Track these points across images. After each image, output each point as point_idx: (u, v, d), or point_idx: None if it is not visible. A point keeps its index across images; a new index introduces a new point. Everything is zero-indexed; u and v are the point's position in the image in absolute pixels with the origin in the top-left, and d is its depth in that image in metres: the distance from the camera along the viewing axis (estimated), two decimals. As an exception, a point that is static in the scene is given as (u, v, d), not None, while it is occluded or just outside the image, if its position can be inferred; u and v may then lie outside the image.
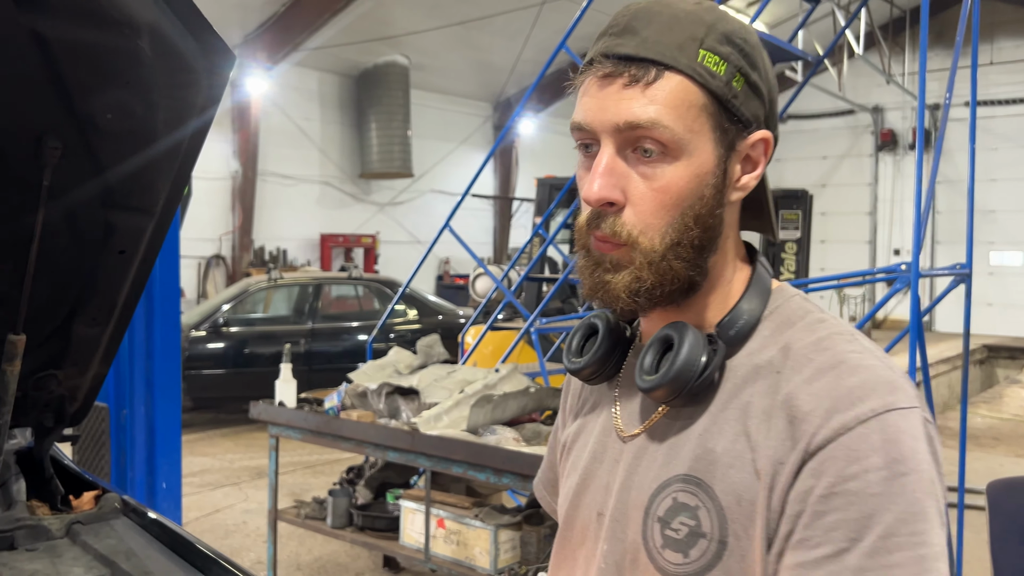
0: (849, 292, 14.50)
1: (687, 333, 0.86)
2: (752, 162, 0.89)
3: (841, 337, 0.85)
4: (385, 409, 4.10)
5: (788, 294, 0.92)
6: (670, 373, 0.85)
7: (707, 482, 0.84)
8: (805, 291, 6.23)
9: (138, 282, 1.35)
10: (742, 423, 0.84)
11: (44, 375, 1.37)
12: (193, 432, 8.53)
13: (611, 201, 0.84)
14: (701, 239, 0.86)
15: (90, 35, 0.99)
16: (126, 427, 2.81)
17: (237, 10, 11.97)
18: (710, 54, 0.82)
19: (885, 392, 0.79)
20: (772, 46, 5.18)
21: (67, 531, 1.39)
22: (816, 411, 0.79)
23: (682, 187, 0.83)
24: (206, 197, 12.79)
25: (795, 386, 0.82)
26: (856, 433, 0.77)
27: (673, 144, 0.82)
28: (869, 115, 16.87)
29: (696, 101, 0.83)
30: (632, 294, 0.86)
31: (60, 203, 1.15)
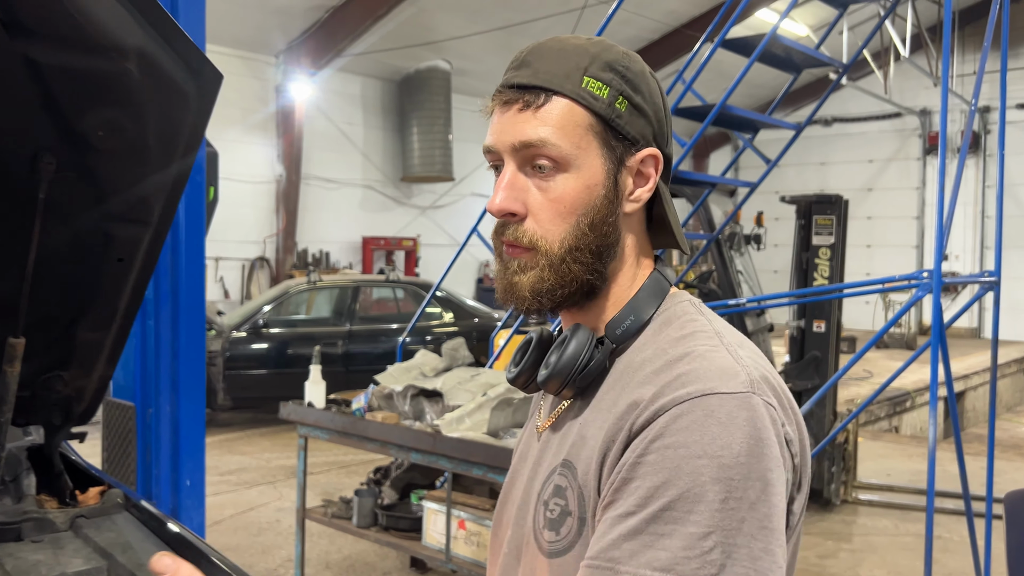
0: (895, 298, 14.25)
1: (578, 332, 0.95)
2: (644, 176, 0.97)
3: (703, 335, 0.92)
4: (410, 411, 4.17)
5: (679, 299, 0.99)
6: (557, 366, 0.94)
7: (574, 464, 0.92)
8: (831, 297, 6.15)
9: (138, 288, 1.42)
10: (608, 411, 0.90)
11: (50, 376, 1.45)
12: (232, 431, 8.72)
13: (512, 211, 0.94)
14: (598, 245, 0.94)
15: (80, 60, 1.06)
16: (152, 425, 2.90)
17: (281, 16, 12.20)
18: (593, 80, 0.92)
19: (712, 378, 0.84)
20: (803, 54, 5.15)
21: (71, 524, 1.47)
22: (647, 396, 0.85)
23: (574, 197, 0.93)
24: (251, 200, 13.05)
25: (645, 376, 0.89)
26: (670, 413, 0.82)
27: (562, 159, 0.92)
28: (916, 118, 16.58)
29: (581, 121, 0.92)
30: (535, 293, 0.94)
31: (59, 216, 1.22)
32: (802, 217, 6.15)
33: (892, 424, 9.56)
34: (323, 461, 7.25)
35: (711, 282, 7.58)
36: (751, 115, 4.82)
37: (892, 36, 11.25)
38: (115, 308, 1.41)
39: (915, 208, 16.84)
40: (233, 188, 12.39)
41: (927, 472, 3.51)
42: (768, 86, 14.83)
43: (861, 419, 7.99)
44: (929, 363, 4.17)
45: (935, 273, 3.32)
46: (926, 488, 3.56)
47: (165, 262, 2.91)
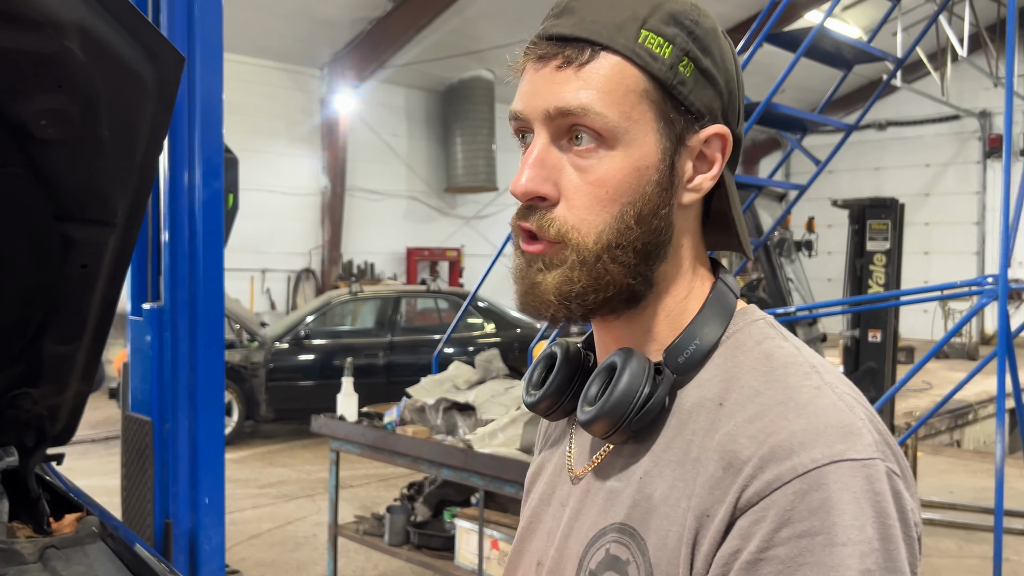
0: (954, 306, 13.76)
1: (631, 360, 0.76)
2: (707, 161, 0.78)
3: (797, 368, 0.73)
4: (442, 425, 4.04)
5: (751, 317, 0.80)
6: (607, 405, 0.74)
7: (641, 533, 0.73)
8: (894, 304, 5.87)
9: (109, 297, 1.30)
10: (683, 466, 0.73)
11: (18, 393, 1.33)
12: (274, 443, 8.68)
13: (541, 195, 0.75)
14: (644, 242, 0.75)
15: (8, 36, 0.94)
16: (169, 441, 2.81)
17: (326, 29, 12.25)
18: (653, 35, 0.73)
19: (834, 439, 0.66)
20: (854, 49, 4.92)
21: (40, 555, 1.35)
22: (751, 459, 0.67)
23: (620, 181, 0.74)
24: (297, 212, 13.12)
25: (735, 425, 0.70)
26: (792, 489, 0.64)
27: (608, 133, 0.73)
28: (976, 120, 16.04)
29: (635, 86, 0.73)
30: (562, 297, 0.75)
31: (8, 217, 1.10)
32: (855, 222, 5.89)
33: (953, 438, 9.17)
34: (363, 474, 7.16)
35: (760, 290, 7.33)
36: (799, 113, 4.61)
37: (949, 35, 10.86)
38: (84, 319, 1.29)
39: (975, 213, 16.28)
40: (279, 200, 12.46)
41: (994, 489, 3.26)
42: (818, 90, 14.46)
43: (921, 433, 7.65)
44: (994, 374, 3.91)
45: (1001, 278, 3.08)
46: (993, 506, 3.31)
47: (183, 272, 2.82)
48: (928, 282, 14.89)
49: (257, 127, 11.97)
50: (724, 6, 13.25)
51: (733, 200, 0.82)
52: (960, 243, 16.32)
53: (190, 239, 2.79)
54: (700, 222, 0.81)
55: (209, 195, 2.77)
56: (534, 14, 3.78)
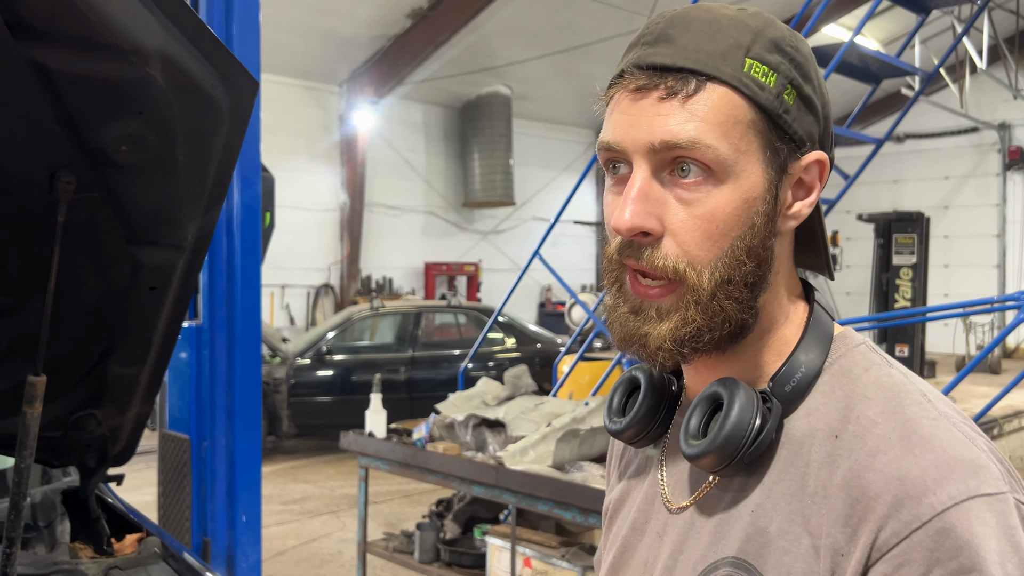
0: (976, 320, 13.64)
1: (737, 391, 0.74)
2: (806, 187, 0.77)
3: (911, 398, 0.72)
4: (472, 441, 4.03)
5: (852, 342, 0.78)
6: (718, 439, 0.73)
7: (758, 568, 0.72)
8: (923, 319, 5.83)
9: (174, 319, 1.30)
10: (799, 499, 0.71)
11: (82, 415, 1.34)
12: (296, 459, 8.69)
13: (646, 231, 0.73)
14: (754, 275, 0.74)
15: (96, 65, 0.95)
16: (207, 459, 2.82)
17: (344, 47, 12.34)
18: (758, 63, 0.72)
19: (966, 474, 0.65)
20: (881, 63, 4.91)
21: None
22: (882, 496, 0.66)
23: (729, 214, 0.72)
24: (316, 228, 13.17)
25: (858, 459, 0.69)
26: (933, 528, 0.63)
27: (718, 165, 0.71)
28: (995, 132, 15.94)
29: (743, 116, 0.72)
30: (677, 343, 0.73)
31: (81, 241, 1.11)
32: (881, 236, 5.86)
33: (979, 453, 9.05)
34: (386, 490, 7.15)
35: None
36: (828, 129, 4.59)
37: (968, 48, 10.82)
38: (149, 341, 1.30)
39: (995, 226, 16.15)
40: (298, 216, 12.52)
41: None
42: (837, 103, 14.44)
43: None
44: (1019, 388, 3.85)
45: (1038, 293, 3.05)
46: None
47: (220, 290, 2.83)
48: (949, 295, 14.78)
49: (277, 144, 12.04)
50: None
51: (820, 220, 0.81)
52: (980, 256, 16.19)
53: (228, 257, 2.80)
54: (792, 246, 0.80)
55: (247, 214, 2.79)
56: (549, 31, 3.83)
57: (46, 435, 1.24)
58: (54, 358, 1.16)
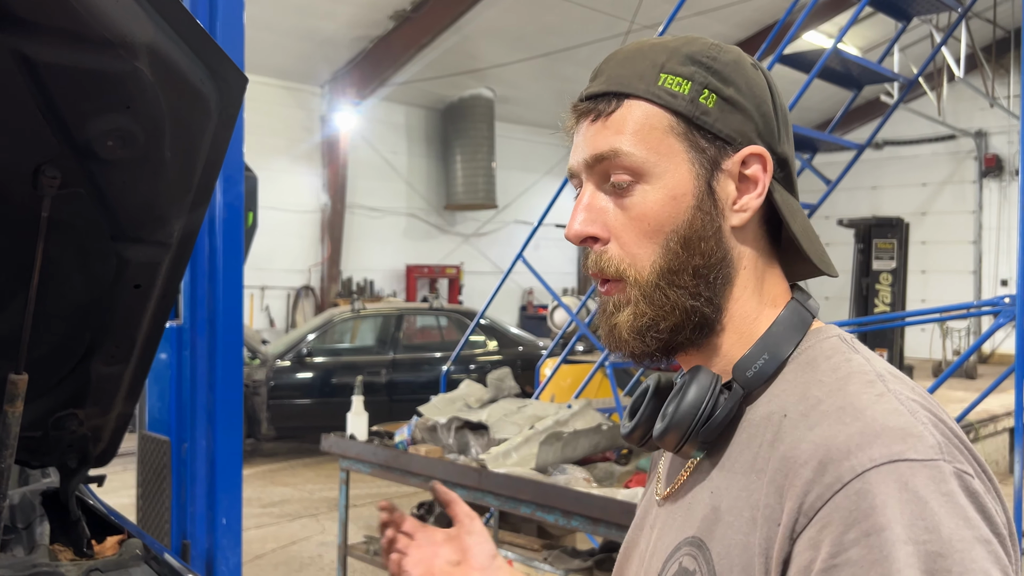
0: (952, 326, 13.78)
1: (698, 374, 0.80)
2: (750, 181, 0.81)
3: (862, 376, 0.75)
4: (454, 444, 4.01)
5: (825, 334, 0.82)
6: (675, 417, 0.79)
7: (707, 544, 0.76)
8: (902, 324, 5.88)
9: (158, 318, 1.28)
10: (746, 476, 0.76)
11: (64, 415, 1.32)
12: (275, 461, 8.63)
13: (592, 235, 0.82)
14: (697, 265, 0.80)
15: (83, 57, 0.93)
16: (187, 461, 2.78)
17: (327, 47, 12.29)
18: (671, 76, 0.80)
19: (893, 440, 0.67)
20: (862, 68, 4.94)
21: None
22: (809, 462, 0.69)
23: (658, 212, 0.80)
24: (296, 229, 13.10)
25: (798, 433, 0.72)
26: (852, 489, 0.65)
27: (639, 169, 0.80)
28: (972, 140, 16.13)
29: (659, 123, 0.80)
30: (636, 332, 0.81)
31: (65, 237, 1.10)
32: (861, 241, 5.91)
33: (956, 457, 9.14)
34: (366, 493, 7.11)
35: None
36: (812, 133, 4.62)
37: (946, 56, 10.94)
38: (133, 340, 1.28)
39: (971, 232, 16.34)
40: (279, 217, 12.45)
41: (1015, 510, 3.24)
42: (818, 109, 14.57)
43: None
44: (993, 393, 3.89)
45: (1018, 298, 3.08)
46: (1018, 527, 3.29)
47: (202, 290, 2.80)
48: (926, 301, 14.92)
49: (258, 144, 11.97)
50: (723, 27, 13.33)
51: (794, 219, 0.83)
52: (957, 262, 16.37)
53: (210, 257, 2.77)
54: (768, 243, 0.84)
55: (229, 213, 2.76)
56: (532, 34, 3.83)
57: (26, 435, 1.22)
58: (36, 356, 1.14)
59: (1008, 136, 15.57)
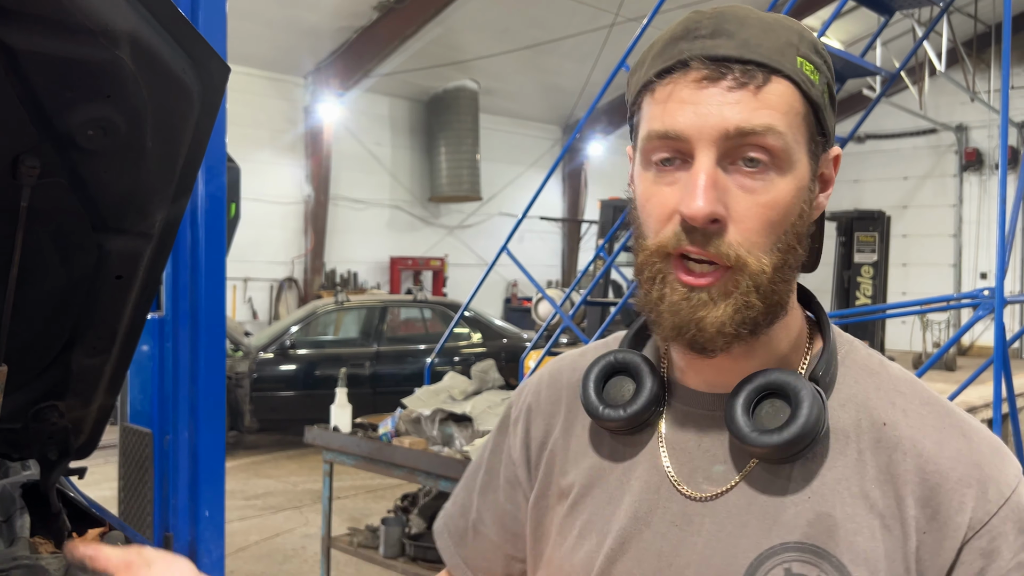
0: (932, 318, 13.89)
1: (802, 385, 0.76)
2: (824, 180, 0.81)
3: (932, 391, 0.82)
4: (438, 436, 4.01)
5: (847, 337, 0.86)
6: (790, 431, 0.75)
7: (829, 551, 0.75)
8: (883, 316, 5.91)
9: (140, 309, 1.28)
10: (858, 484, 0.76)
11: (44, 406, 1.31)
12: (259, 454, 8.60)
13: (717, 217, 0.73)
14: (799, 261, 0.78)
15: (63, 46, 0.92)
16: (169, 453, 2.77)
17: (310, 38, 12.21)
18: (807, 61, 0.76)
19: (1010, 456, 0.78)
20: (845, 62, 4.97)
21: (65, 571, 1.32)
22: (967, 481, 0.75)
23: (788, 202, 0.75)
24: (279, 221, 13.03)
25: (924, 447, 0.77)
26: (1013, 503, 0.75)
27: (783, 154, 0.74)
28: (952, 134, 16.25)
29: (800, 108, 0.75)
30: (738, 325, 0.75)
31: (46, 227, 1.09)
32: (843, 234, 5.95)
33: (935, 448, 9.24)
34: (349, 485, 7.11)
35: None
36: (793, 127, 4.64)
37: (928, 51, 11.00)
38: (114, 331, 1.27)
39: (952, 226, 16.47)
40: (262, 209, 12.38)
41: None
42: (800, 102, 14.61)
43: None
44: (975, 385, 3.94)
45: (997, 291, 3.12)
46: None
47: (184, 282, 2.79)
48: (907, 294, 15.04)
49: (240, 135, 11.88)
50: (707, 19, 13.33)
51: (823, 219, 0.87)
52: (937, 255, 16.50)
53: (192, 249, 2.76)
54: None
55: (211, 204, 2.75)
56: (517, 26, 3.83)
57: (6, 427, 1.21)
58: (16, 348, 1.13)
59: (988, 130, 15.70)
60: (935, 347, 13.57)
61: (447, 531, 1.01)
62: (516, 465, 0.95)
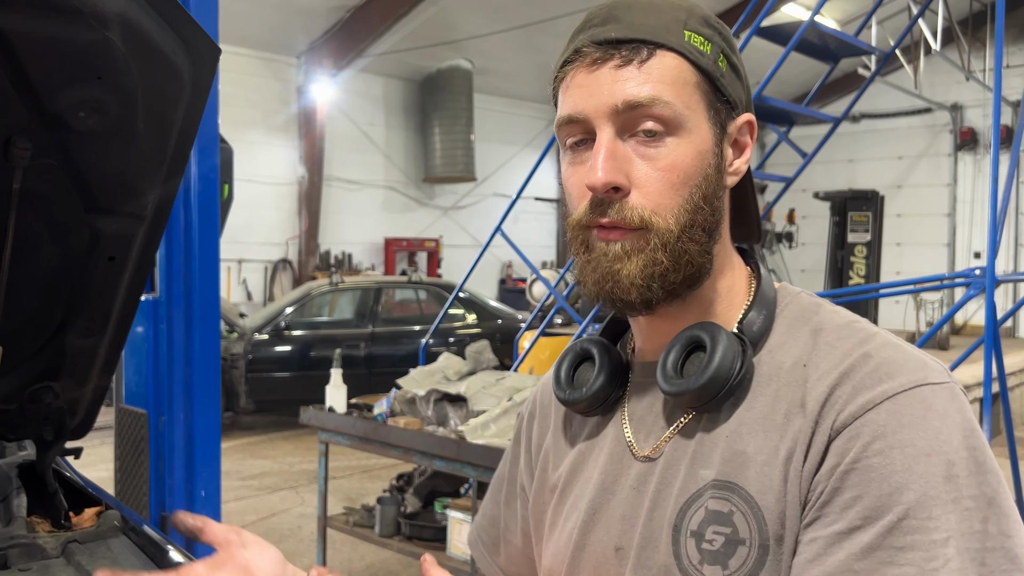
0: (926, 297, 13.94)
1: (718, 332, 0.82)
2: (740, 146, 0.87)
3: (863, 324, 0.83)
4: (433, 416, 4.03)
5: (794, 291, 0.89)
6: (704, 376, 0.80)
7: (739, 484, 0.78)
8: (876, 296, 5.94)
9: (133, 290, 1.28)
10: (771, 419, 0.79)
11: (40, 387, 1.32)
12: (254, 435, 8.63)
13: (617, 185, 0.80)
14: (710, 222, 0.83)
15: (52, 27, 0.92)
16: (165, 434, 2.78)
17: (302, 17, 12.13)
18: (695, 34, 0.82)
19: (915, 368, 0.76)
20: (840, 41, 4.96)
21: (63, 550, 1.34)
22: (842, 388, 0.76)
23: (688, 164, 0.81)
24: (273, 202, 13.00)
25: (823, 371, 0.78)
26: (883, 408, 0.73)
27: (674, 120, 0.80)
28: (947, 113, 16.23)
29: (690, 78, 0.81)
30: (647, 279, 0.81)
31: (38, 209, 1.09)
32: (836, 214, 5.96)
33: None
34: (345, 465, 7.14)
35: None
36: (789, 106, 4.64)
37: (923, 29, 10.97)
38: (108, 312, 1.28)
39: (946, 205, 16.48)
40: (255, 190, 12.34)
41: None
42: (795, 82, 14.58)
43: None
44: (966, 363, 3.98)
45: (988, 270, 3.13)
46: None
47: (178, 263, 2.78)
48: (901, 272, 15.08)
49: (233, 116, 11.82)
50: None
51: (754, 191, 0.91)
52: (931, 235, 16.53)
53: (185, 230, 2.76)
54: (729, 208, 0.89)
55: (204, 185, 2.74)
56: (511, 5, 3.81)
57: (1, 408, 1.22)
58: (10, 329, 1.13)
59: (983, 109, 15.68)
60: (928, 326, 13.63)
61: (480, 542, 1.09)
62: (523, 474, 1.03)
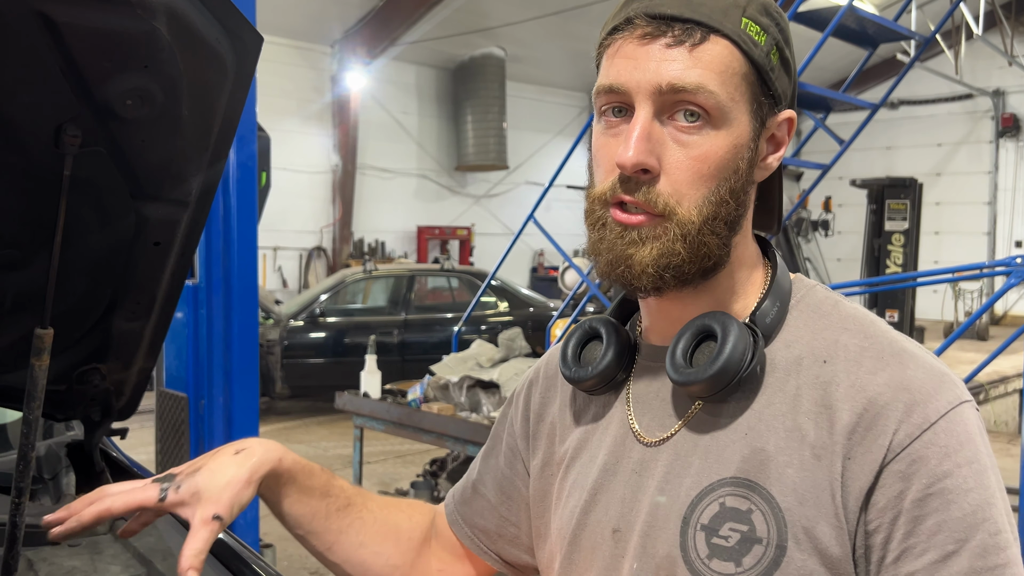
0: (965, 287, 13.72)
1: (731, 322, 0.81)
2: (776, 142, 0.85)
3: (883, 325, 0.83)
4: (466, 402, 4.07)
5: (809, 284, 0.88)
6: (714, 367, 0.79)
7: (760, 483, 0.78)
8: (913, 285, 5.86)
9: (177, 274, 1.31)
10: (792, 418, 0.79)
11: (87, 369, 1.35)
12: (289, 420, 8.74)
13: (647, 168, 0.78)
14: (734, 215, 0.81)
15: (102, 18, 0.95)
16: (204, 417, 2.84)
17: (337, 6, 12.19)
18: (752, 23, 0.79)
19: (953, 384, 0.77)
20: (878, 26, 4.88)
21: (110, 528, 1.38)
22: (893, 405, 0.75)
23: (720, 157, 0.79)
24: (308, 191, 13.11)
25: (858, 377, 0.77)
26: (940, 428, 0.74)
27: (716, 111, 0.78)
28: (989, 99, 15.91)
29: (739, 69, 0.79)
30: (661, 269, 0.79)
31: (87, 195, 1.12)
32: (874, 202, 5.88)
33: (966, 418, 9.16)
34: (380, 450, 7.21)
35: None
36: (826, 92, 4.59)
37: (964, 14, 10.76)
38: (153, 296, 1.31)
39: (987, 193, 16.18)
40: (290, 178, 12.45)
41: (1020, 471, 3.27)
42: (831, 68, 14.37)
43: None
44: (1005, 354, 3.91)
45: (1030, 258, 3.08)
46: (1019, 488, 3.33)
47: (217, 249, 2.84)
48: (939, 262, 14.84)
49: (268, 105, 11.91)
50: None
51: (781, 181, 0.90)
52: (971, 223, 16.24)
53: (224, 217, 2.80)
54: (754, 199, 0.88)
55: (243, 174, 2.79)
56: (545, -8, 3.67)
57: (51, 388, 1.25)
58: (59, 312, 1.16)
59: (1026, 95, 15.35)
60: (967, 316, 13.42)
61: (452, 491, 1.12)
62: (516, 435, 1.03)
